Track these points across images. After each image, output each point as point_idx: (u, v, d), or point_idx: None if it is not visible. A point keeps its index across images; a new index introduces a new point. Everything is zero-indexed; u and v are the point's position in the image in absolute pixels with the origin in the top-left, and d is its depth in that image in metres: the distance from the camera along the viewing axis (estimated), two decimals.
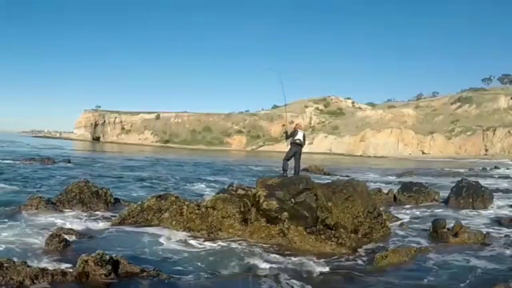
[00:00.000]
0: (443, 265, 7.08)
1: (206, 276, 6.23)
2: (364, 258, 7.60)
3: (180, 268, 6.53)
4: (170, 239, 8.16)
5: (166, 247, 7.66)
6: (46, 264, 6.05)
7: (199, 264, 6.78)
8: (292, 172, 11.32)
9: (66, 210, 10.28)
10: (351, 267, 7.08)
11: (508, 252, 8.02)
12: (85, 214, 10.02)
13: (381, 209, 10.51)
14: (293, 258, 7.30)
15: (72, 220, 9.24)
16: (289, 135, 11.68)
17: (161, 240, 8.06)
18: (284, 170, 11.17)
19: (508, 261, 7.38)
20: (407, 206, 14.40)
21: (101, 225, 9.10)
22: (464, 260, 7.35)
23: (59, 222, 8.96)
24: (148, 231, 8.57)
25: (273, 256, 7.39)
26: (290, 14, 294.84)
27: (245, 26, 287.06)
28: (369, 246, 8.51)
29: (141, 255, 7.05)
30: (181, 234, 8.50)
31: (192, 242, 8.08)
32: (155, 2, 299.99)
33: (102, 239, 7.90)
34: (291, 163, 11.51)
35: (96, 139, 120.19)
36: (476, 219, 12.33)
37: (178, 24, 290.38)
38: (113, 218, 9.67)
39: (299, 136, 11.51)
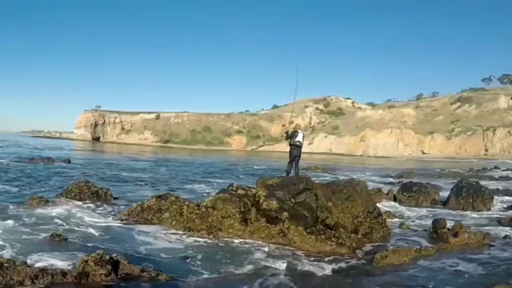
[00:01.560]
0: (443, 265, 7.08)
1: (206, 276, 6.24)
2: (364, 258, 7.61)
3: (180, 268, 6.53)
4: (170, 239, 8.17)
5: (166, 247, 7.66)
6: (46, 263, 6.05)
7: (199, 264, 6.78)
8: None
9: (66, 210, 10.27)
10: (351, 267, 7.09)
11: (508, 252, 8.02)
12: (85, 213, 10.01)
13: (380, 208, 10.51)
14: (293, 258, 7.30)
15: (72, 220, 9.24)
16: (289, 136, 11.70)
17: (161, 240, 8.07)
18: (288, 173, 11.23)
19: (508, 261, 7.37)
20: (407, 206, 14.40)
21: (101, 224, 9.09)
22: (464, 260, 7.34)
23: (59, 221, 8.97)
24: (148, 231, 8.57)
25: (273, 256, 7.39)
26: (290, 14, 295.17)
27: (244, 26, 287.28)
28: (369, 246, 8.52)
29: (141, 255, 7.06)
30: (181, 234, 8.50)
31: (192, 242, 8.08)
32: (155, 2, 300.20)
33: (102, 239, 7.89)
34: None
35: (96, 139, 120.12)
36: (476, 219, 12.34)
37: (178, 23, 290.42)
38: (113, 217, 9.69)
39: (299, 137, 11.53)
